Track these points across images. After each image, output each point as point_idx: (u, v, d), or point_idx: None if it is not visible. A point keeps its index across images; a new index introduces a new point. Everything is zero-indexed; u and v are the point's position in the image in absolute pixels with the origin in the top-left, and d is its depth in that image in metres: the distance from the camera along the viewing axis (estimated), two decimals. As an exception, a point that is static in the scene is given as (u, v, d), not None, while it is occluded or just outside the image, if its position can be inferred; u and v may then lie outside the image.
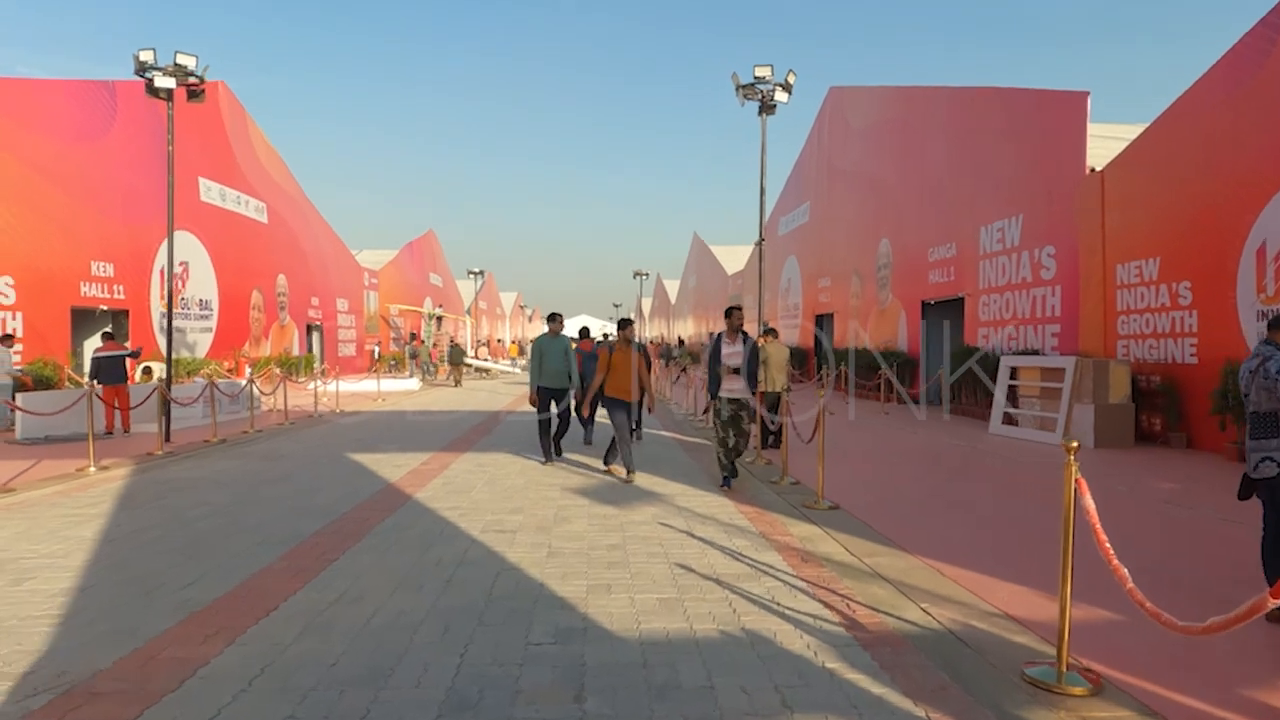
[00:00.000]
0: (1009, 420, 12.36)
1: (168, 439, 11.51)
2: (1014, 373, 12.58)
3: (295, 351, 28.68)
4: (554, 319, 9.48)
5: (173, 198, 11.86)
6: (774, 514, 6.40)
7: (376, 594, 4.25)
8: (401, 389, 23.73)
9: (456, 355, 31.19)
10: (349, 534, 5.56)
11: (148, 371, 15.67)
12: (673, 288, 71.91)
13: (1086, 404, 10.74)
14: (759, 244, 11.72)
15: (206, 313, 22.40)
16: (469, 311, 57.64)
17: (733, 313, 7.87)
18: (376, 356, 37.67)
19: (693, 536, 5.57)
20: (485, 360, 41.55)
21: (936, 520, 6.20)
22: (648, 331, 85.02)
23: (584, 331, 12.56)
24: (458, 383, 28.93)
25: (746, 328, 8.26)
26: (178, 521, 6.07)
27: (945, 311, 18.80)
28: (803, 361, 27.06)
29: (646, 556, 5.04)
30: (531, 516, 6.20)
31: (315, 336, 31.83)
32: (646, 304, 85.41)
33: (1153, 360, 11.24)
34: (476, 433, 12.27)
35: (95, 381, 12.96)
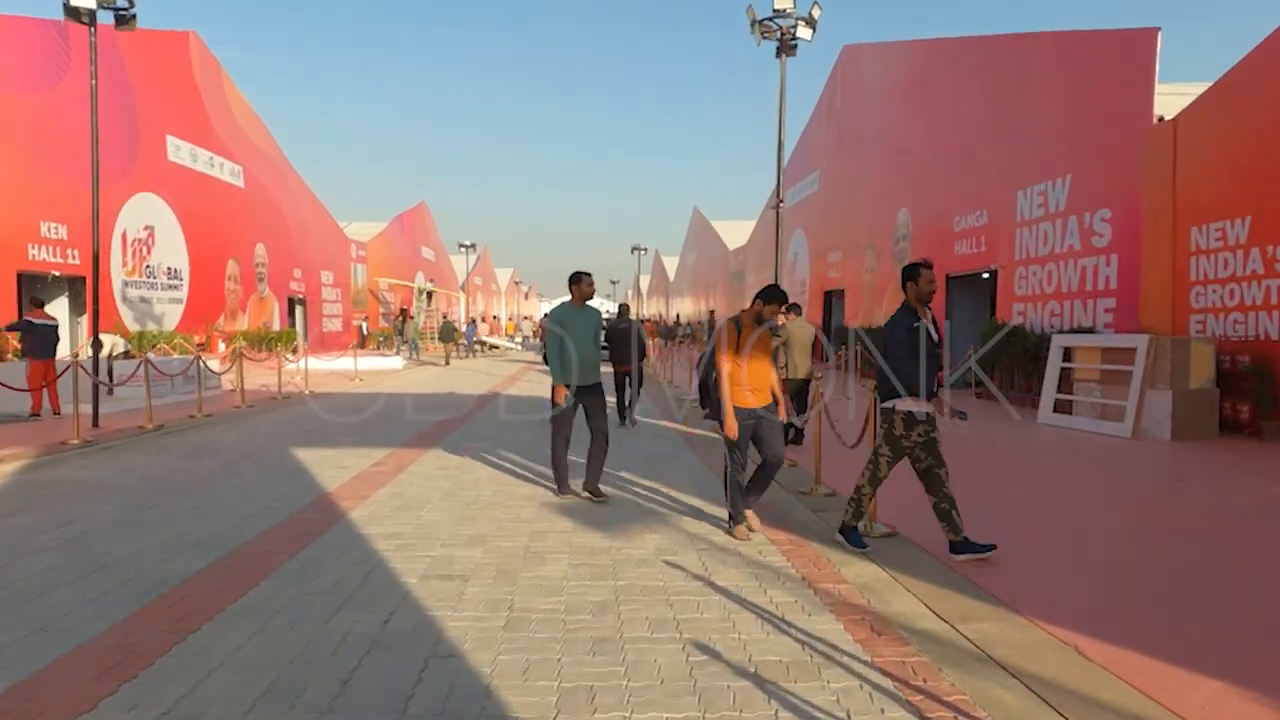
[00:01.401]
0: (1062, 408, 10.81)
1: (95, 424, 9.98)
2: (1067, 354, 11.01)
3: (276, 326, 27.10)
4: (580, 280, 6.15)
5: (96, 143, 10.18)
6: (815, 544, 4.86)
7: (223, 712, 2.71)
8: (383, 368, 22.13)
9: (448, 332, 29.74)
10: (231, 583, 4.00)
11: (98, 344, 14.03)
12: (671, 265, 70.10)
13: (1162, 390, 9.19)
14: (776, 207, 10.09)
15: (176, 282, 20.75)
16: (463, 287, 55.91)
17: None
18: (365, 332, 36.09)
19: (712, 586, 4.02)
20: (492, 338, 39.95)
21: (1031, 551, 4.67)
22: (645, 310, 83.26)
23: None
24: (447, 361, 27.57)
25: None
26: (5, 555, 4.52)
27: (973, 286, 17.20)
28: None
29: (649, 627, 3.49)
30: (494, 550, 4.65)
31: (298, 311, 30.24)
32: (645, 281, 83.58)
33: (1238, 338, 9.66)
34: (452, 422, 10.71)
35: (27, 356, 11.48)
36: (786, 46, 11.40)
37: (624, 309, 11.87)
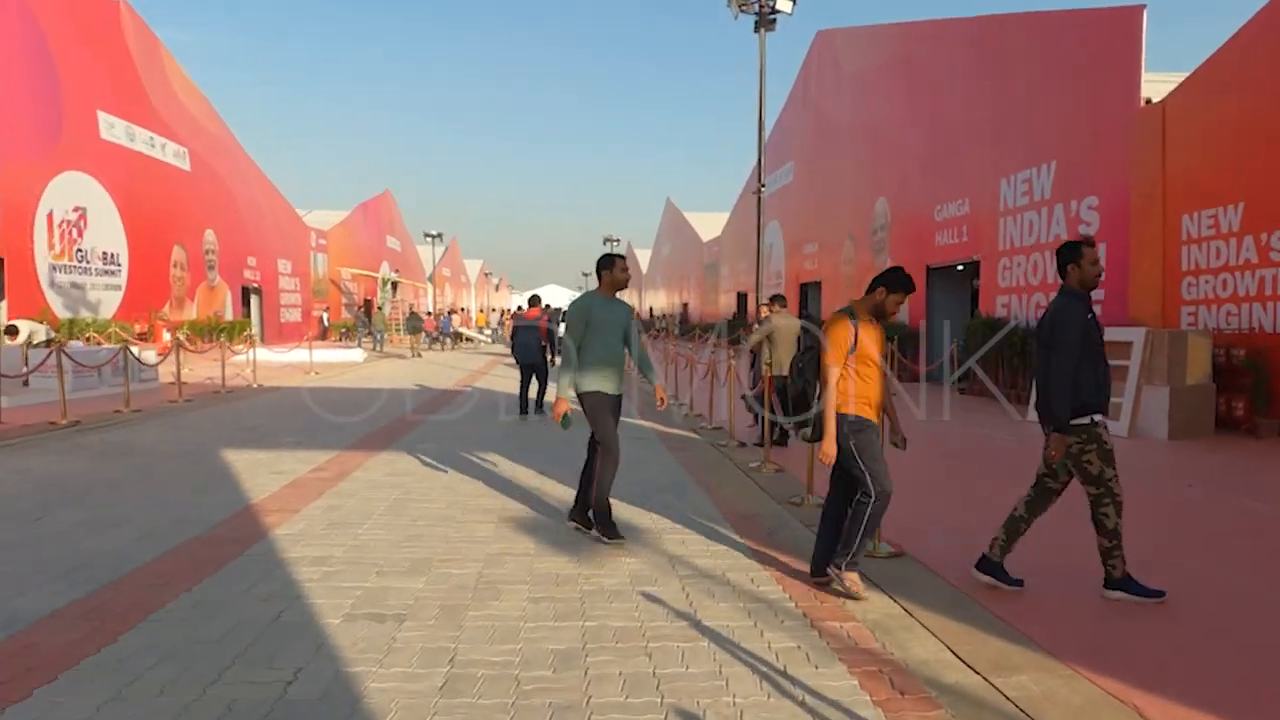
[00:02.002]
0: (1050, 404, 10.37)
1: (-2, 420, 9.01)
2: (1057, 348, 10.57)
3: (229, 316, 25.86)
4: (611, 265, 4.86)
5: None
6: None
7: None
8: (343, 360, 21.15)
9: (414, 324, 28.83)
10: (96, 628, 3.23)
11: (11, 331, 12.94)
12: (644, 257, 69.37)
13: (1159, 386, 8.76)
14: (758, 191, 9.47)
15: (113, 268, 19.50)
16: (431, 278, 54.59)
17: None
18: (326, 323, 34.85)
19: (699, 628, 3.36)
20: (465, 329, 38.87)
21: (1051, 576, 4.09)
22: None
23: (534, 299, 11.49)
24: (418, 354, 26.80)
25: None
26: None
27: (954, 277, 16.80)
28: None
29: (623, 687, 2.82)
30: (439, 580, 3.93)
31: (254, 300, 28.96)
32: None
33: (1231, 330, 9.28)
34: (408, 420, 9.93)
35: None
36: (765, 20, 10.78)
37: (534, 299, 11.61)
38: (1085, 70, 11.69)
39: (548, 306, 19.41)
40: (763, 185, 9.21)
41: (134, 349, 12.26)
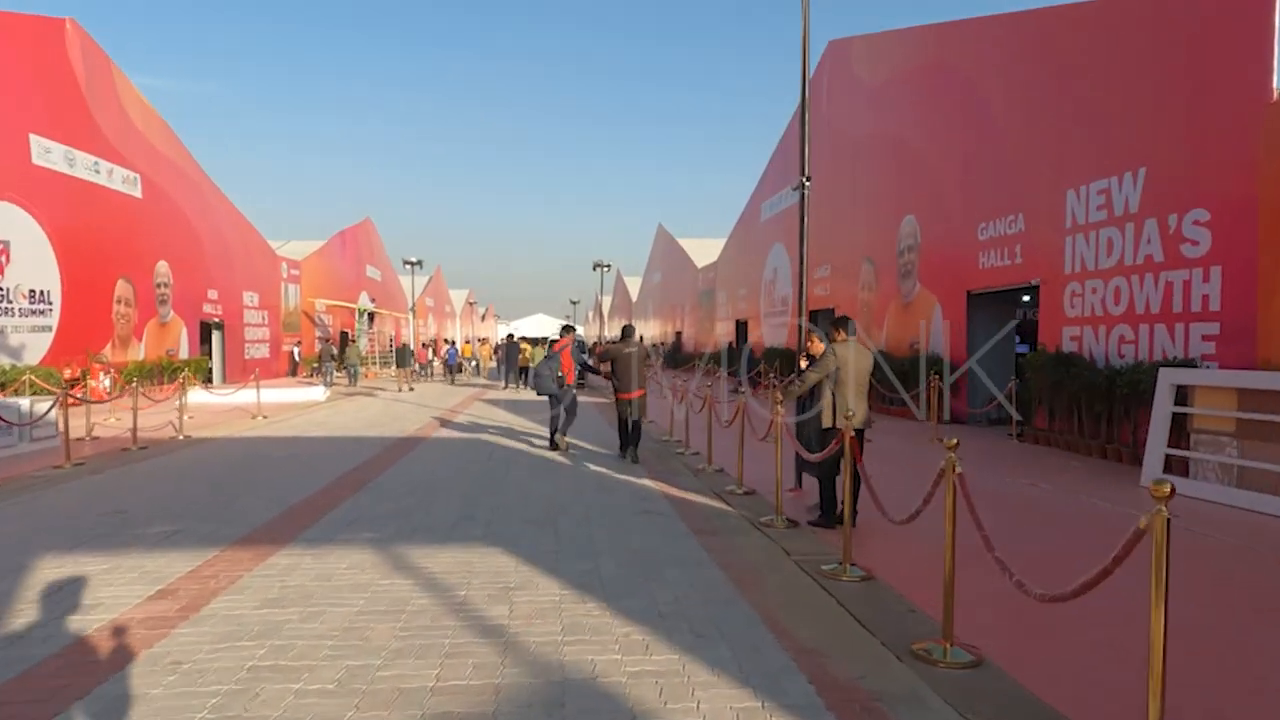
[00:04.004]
0: (1175, 467, 8.24)
1: None
2: (1181, 395, 8.45)
3: (185, 354, 23.48)
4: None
5: None
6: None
7: None
8: (299, 400, 18.79)
9: (404, 357, 26.80)
10: None
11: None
12: (634, 286, 67.42)
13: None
14: (802, 186, 7.51)
15: (42, 307, 17.14)
16: (413, 309, 52.34)
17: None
18: (297, 358, 32.47)
19: None
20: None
21: None
22: (607, 332, 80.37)
23: (565, 329, 11.87)
24: (409, 387, 24.89)
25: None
26: None
27: (1001, 305, 14.78)
28: (794, 367, 22.87)
29: None
30: None
31: (215, 336, 26.59)
32: (606, 302, 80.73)
33: None
34: (343, 485, 7.63)
35: None
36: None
37: (629, 330, 10.88)
38: (1189, 59, 9.74)
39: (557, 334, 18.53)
40: (808, 178, 7.21)
41: (22, 401, 9.92)
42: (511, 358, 26.78)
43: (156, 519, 6.29)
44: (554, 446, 10.67)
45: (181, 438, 11.80)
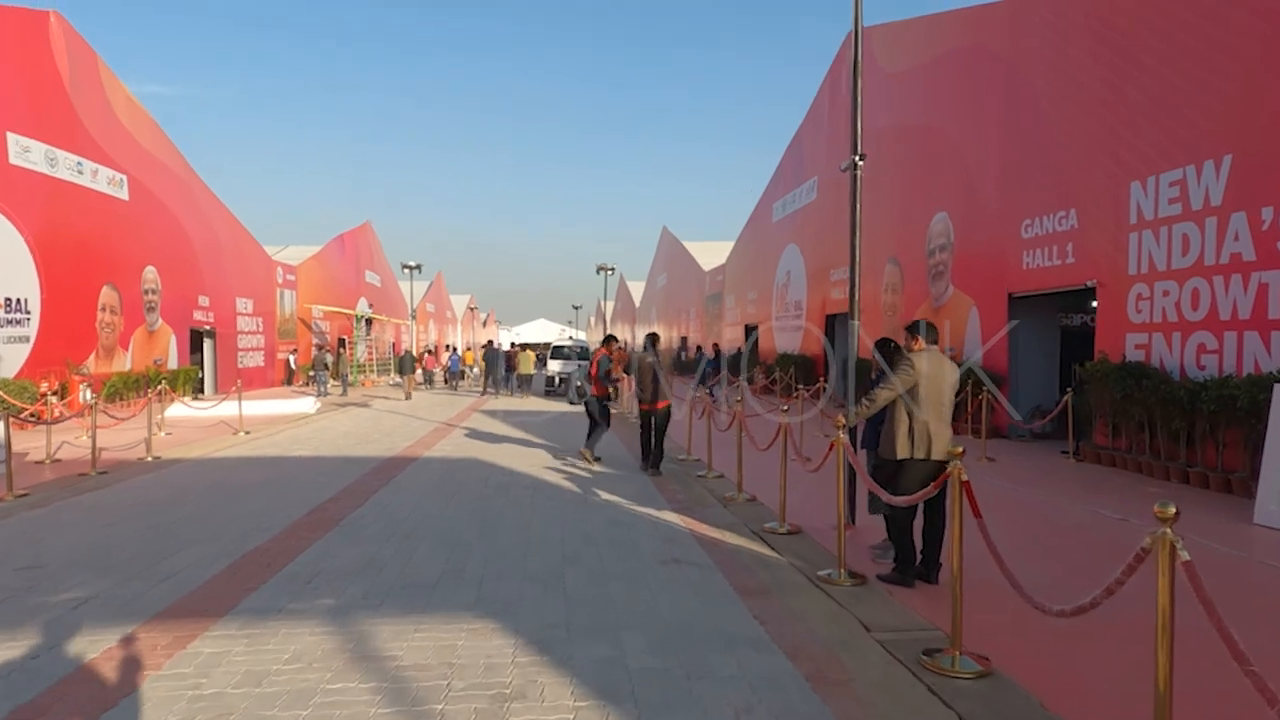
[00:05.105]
0: (1289, 496, 7.03)
1: None
2: (1294, 413, 7.25)
3: (174, 364, 22.43)
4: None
5: None
6: None
7: None
8: (289, 412, 17.66)
9: (407, 364, 25.84)
10: None
11: None
12: (637, 290, 66.29)
13: None
14: (855, 164, 6.38)
15: (20, 316, 16.11)
16: (413, 314, 51.29)
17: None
18: (293, 366, 31.39)
19: None
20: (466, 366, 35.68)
21: None
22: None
23: (607, 339, 11.09)
24: (408, 396, 23.92)
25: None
26: None
27: (1046, 309, 13.60)
28: (809, 374, 21.69)
29: None
30: None
31: (207, 345, 25.54)
32: (609, 308, 79.62)
33: None
34: (311, 524, 6.47)
35: None
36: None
37: (654, 339, 10.33)
38: None
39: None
40: (862, 156, 6.06)
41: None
42: (492, 363, 26.26)
43: (75, 577, 5.14)
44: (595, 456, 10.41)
45: (150, 459, 10.68)
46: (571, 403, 9.95)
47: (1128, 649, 3.81)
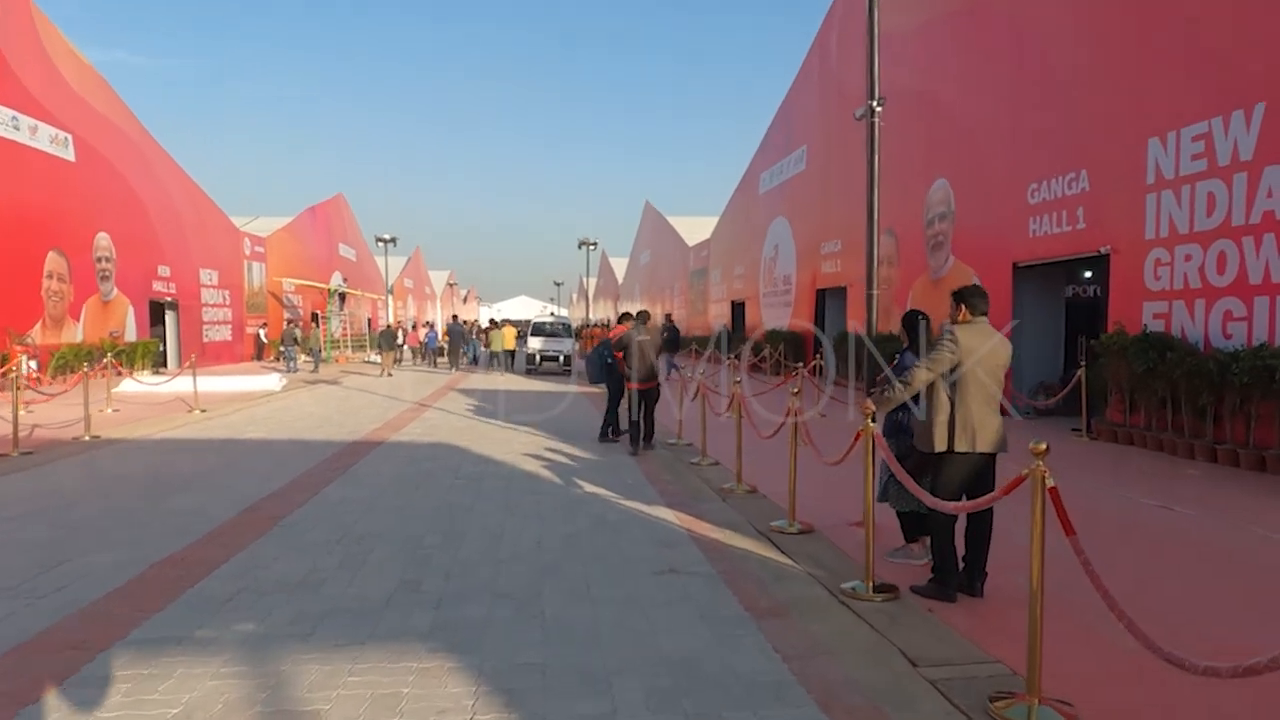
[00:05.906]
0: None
1: None
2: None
3: (131, 335, 21.26)
4: None
5: None
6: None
7: None
8: (250, 389, 16.64)
9: (388, 340, 24.85)
10: None
11: None
12: (620, 266, 65.12)
13: None
14: (871, 111, 5.61)
15: (-49, 285, 14.94)
16: (390, 290, 49.89)
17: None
18: (264, 340, 30.20)
19: None
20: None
21: None
22: (593, 314, 78.10)
23: (623, 316, 10.90)
24: (388, 373, 22.90)
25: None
26: None
27: (1054, 279, 12.91)
28: (799, 351, 20.95)
29: None
30: None
31: (169, 317, 24.31)
32: (592, 284, 78.40)
33: None
34: (249, 523, 5.60)
35: None
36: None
37: (644, 315, 9.98)
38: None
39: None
40: (880, 99, 5.35)
41: None
42: (455, 339, 25.53)
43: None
44: (628, 441, 9.53)
45: (88, 438, 9.71)
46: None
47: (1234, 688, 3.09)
